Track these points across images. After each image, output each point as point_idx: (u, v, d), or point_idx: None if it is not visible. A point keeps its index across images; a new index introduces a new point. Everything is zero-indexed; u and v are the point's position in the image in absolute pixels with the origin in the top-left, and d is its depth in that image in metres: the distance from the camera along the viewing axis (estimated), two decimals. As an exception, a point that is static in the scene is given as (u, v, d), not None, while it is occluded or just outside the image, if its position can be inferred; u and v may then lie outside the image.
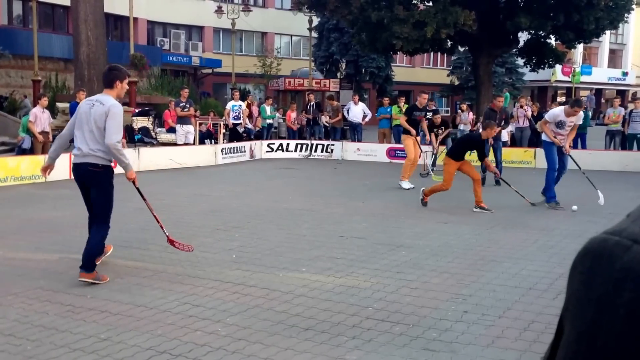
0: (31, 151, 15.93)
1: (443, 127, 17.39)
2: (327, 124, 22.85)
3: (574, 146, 19.42)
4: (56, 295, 5.70)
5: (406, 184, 12.88)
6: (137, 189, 7.03)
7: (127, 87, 6.88)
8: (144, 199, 7.03)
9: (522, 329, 5.04)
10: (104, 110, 6.32)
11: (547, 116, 11.39)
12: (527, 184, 14.22)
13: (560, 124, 10.90)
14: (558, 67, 40.64)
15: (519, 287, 6.14)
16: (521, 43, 29.30)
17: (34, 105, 21.41)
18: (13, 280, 6.06)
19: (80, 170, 6.55)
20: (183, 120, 19.35)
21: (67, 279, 6.24)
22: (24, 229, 8.72)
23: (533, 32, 27.72)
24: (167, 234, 6.95)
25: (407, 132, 13.34)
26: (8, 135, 19.66)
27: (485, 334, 4.91)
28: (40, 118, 15.56)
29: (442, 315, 5.32)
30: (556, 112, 11.15)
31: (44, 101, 16.09)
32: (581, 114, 11.24)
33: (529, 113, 20.38)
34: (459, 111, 22.48)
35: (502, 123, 13.83)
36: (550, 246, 7.71)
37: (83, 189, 6.61)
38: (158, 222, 7.02)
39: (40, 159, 13.98)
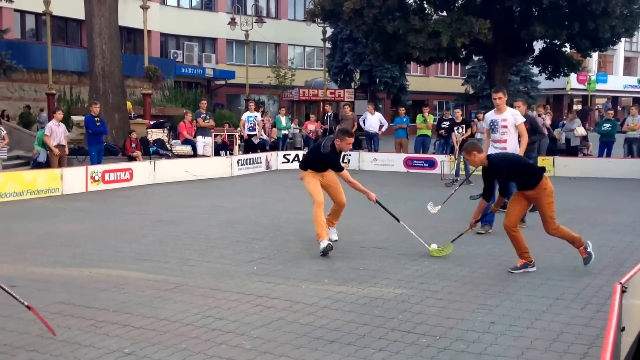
0: (47, 165, 15.98)
1: (464, 125, 17.06)
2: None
3: (600, 154, 19.28)
4: (78, 310, 5.66)
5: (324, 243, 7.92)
6: None
7: None
8: None
9: (552, 339, 4.93)
10: None
11: (484, 124, 9.78)
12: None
13: (493, 127, 9.25)
14: (573, 75, 40.46)
15: (546, 297, 6.03)
16: (536, 51, 29.20)
17: (50, 119, 21.57)
18: (34, 295, 6.03)
19: None
20: (203, 131, 19.47)
21: (88, 292, 6.20)
22: (42, 242, 8.70)
23: (548, 40, 27.59)
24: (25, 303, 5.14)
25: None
26: (23, 149, 19.78)
27: (514, 345, 4.82)
28: (55, 132, 15.62)
29: (469, 327, 5.23)
30: (487, 114, 9.65)
31: (60, 115, 16.16)
32: (517, 112, 9.40)
33: (547, 122, 20.27)
34: (475, 120, 22.36)
35: (534, 134, 10.56)
36: (575, 256, 7.58)
37: None
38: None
39: (57, 173, 14.06)
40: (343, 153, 9.91)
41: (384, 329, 5.18)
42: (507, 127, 9.15)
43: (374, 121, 21.82)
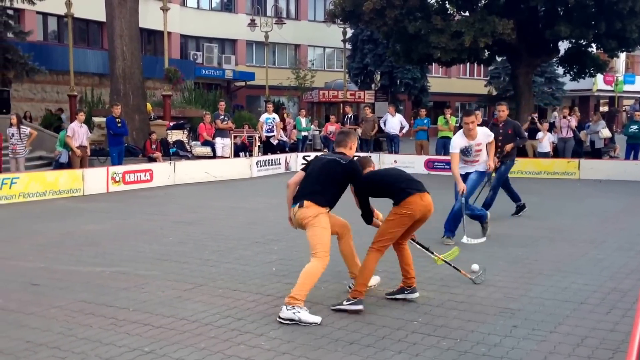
0: (68, 165, 16.11)
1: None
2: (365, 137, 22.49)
3: (627, 156, 19.06)
4: (99, 308, 5.68)
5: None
6: None
7: None
8: None
9: (576, 344, 4.86)
10: None
11: (452, 148, 8.72)
12: (571, 197, 13.99)
13: (466, 152, 8.73)
14: (600, 76, 39.83)
15: (570, 302, 5.94)
16: (561, 52, 28.68)
17: (71, 121, 21.76)
18: (56, 293, 6.06)
19: None
20: (222, 132, 19.52)
21: (108, 291, 6.22)
22: (64, 242, 8.75)
23: (574, 40, 27.04)
24: None
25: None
26: (45, 150, 19.94)
27: (536, 350, 4.75)
28: (77, 132, 15.73)
29: (491, 330, 5.16)
30: (456, 139, 8.74)
31: (82, 116, 16.28)
32: (486, 130, 8.94)
33: (573, 123, 20.04)
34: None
35: (516, 138, 10.29)
36: (600, 259, 7.48)
37: None
38: None
39: (78, 173, 14.16)
40: (362, 155, 9.81)
41: (404, 331, 5.14)
42: (481, 149, 8.77)
43: (394, 123, 21.74)
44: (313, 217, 5.56)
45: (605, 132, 20.92)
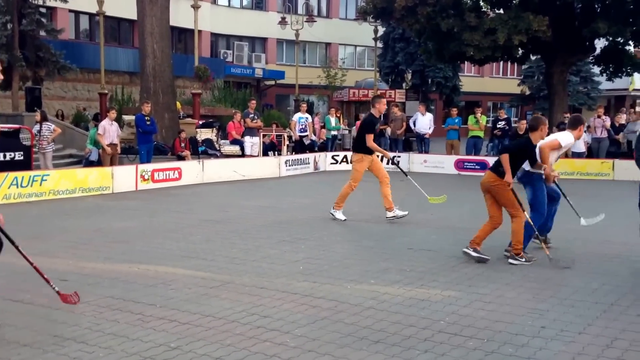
0: (98, 163, 16.30)
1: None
2: (391, 137, 22.40)
3: None
4: (126, 304, 5.72)
5: (340, 214, 10.50)
6: (5, 234, 5.26)
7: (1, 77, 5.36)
8: (18, 249, 5.46)
9: (605, 346, 4.78)
10: None
11: (562, 141, 7.90)
12: (605, 198, 13.76)
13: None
14: (637, 75, 38.97)
15: (600, 303, 5.84)
16: (597, 50, 28.14)
17: (95, 119, 22.06)
18: (84, 289, 6.11)
19: None
20: (251, 131, 19.55)
21: (136, 288, 6.27)
22: (93, 239, 8.84)
23: (611, 38, 26.41)
24: (56, 289, 5.61)
25: (367, 151, 10.24)
26: (75, 148, 20.20)
27: (565, 351, 4.68)
28: (108, 130, 15.90)
29: (518, 331, 5.10)
30: (569, 138, 7.99)
31: (113, 114, 16.44)
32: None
33: (608, 123, 19.70)
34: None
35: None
36: (633, 261, 7.35)
37: None
38: (42, 275, 5.64)
39: (108, 171, 14.31)
40: (392, 155, 10.32)
41: (430, 330, 5.09)
42: None
43: (424, 122, 21.60)
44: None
45: None
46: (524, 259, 7.33)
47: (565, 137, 7.90)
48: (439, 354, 4.60)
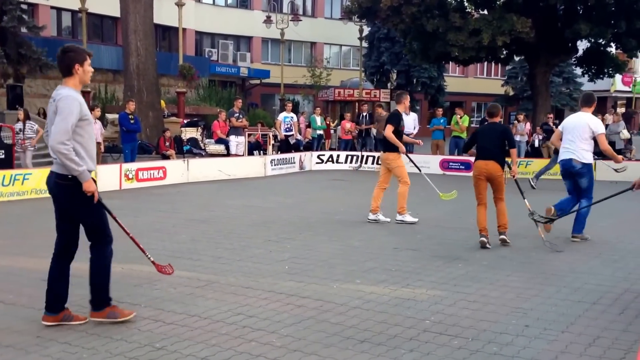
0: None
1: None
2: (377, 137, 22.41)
3: None
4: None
5: (409, 217, 10.26)
6: (103, 205, 5.58)
7: (92, 70, 5.16)
8: (115, 219, 5.84)
9: (587, 344, 4.82)
10: (54, 107, 4.94)
11: (602, 127, 8.95)
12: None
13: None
14: (618, 76, 39.34)
15: (582, 302, 5.90)
16: (580, 51, 28.38)
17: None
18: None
19: (49, 183, 5.40)
20: (236, 130, 19.46)
21: (120, 288, 6.23)
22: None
23: (593, 40, 26.67)
24: (151, 259, 5.87)
25: (395, 148, 10.22)
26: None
27: (548, 349, 4.72)
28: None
29: (502, 329, 5.14)
30: (598, 121, 8.96)
31: (97, 112, 16.32)
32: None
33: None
34: (515, 122, 22.08)
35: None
36: (614, 260, 7.42)
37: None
38: (138, 245, 5.97)
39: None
40: (377, 155, 10.41)
41: (416, 330, 5.12)
42: None
43: (409, 122, 21.54)
44: None
45: (626, 133, 20.71)
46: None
47: (598, 123, 8.82)
48: (424, 353, 4.62)
